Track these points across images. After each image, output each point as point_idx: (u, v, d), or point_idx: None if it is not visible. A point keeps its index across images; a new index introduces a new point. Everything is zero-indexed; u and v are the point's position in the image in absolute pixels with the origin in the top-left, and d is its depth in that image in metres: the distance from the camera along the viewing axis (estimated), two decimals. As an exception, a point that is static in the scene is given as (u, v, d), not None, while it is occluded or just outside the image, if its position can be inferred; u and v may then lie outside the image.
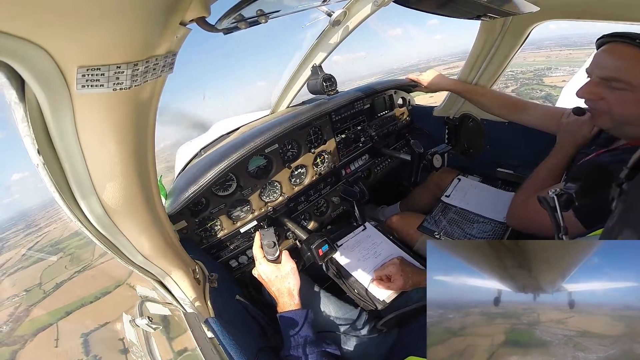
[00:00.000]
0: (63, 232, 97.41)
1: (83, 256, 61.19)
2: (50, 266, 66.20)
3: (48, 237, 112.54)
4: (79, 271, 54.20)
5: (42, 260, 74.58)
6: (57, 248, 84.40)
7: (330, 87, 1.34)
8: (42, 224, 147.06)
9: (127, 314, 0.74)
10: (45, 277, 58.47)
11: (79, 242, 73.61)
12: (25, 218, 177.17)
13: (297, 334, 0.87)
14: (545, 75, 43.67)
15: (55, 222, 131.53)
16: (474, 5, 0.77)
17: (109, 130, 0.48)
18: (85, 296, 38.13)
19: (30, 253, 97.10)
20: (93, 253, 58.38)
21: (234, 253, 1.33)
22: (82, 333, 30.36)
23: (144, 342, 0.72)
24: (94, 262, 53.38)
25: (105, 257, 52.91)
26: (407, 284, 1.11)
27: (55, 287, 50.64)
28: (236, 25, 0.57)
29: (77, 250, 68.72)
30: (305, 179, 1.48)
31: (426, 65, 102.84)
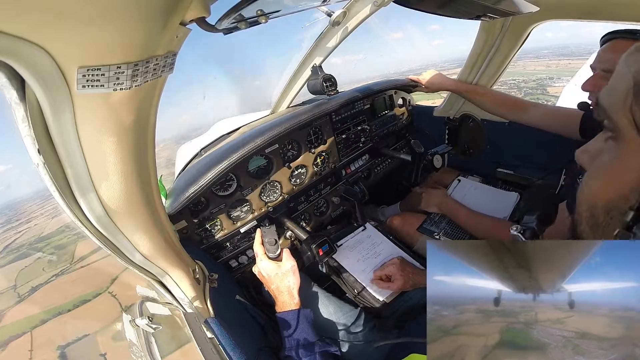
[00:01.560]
0: (43, 230, 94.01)
1: (63, 257, 59.13)
2: (26, 267, 63.26)
3: (28, 234, 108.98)
4: (57, 274, 51.53)
5: (18, 261, 71.58)
6: (35, 247, 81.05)
7: (330, 87, 1.34)
8: (22, 219, 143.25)
9: (127, 314, 0.74)
10: (21, 279, 55.48)
11: (59, 241, 71.37)
12: (5, 212, 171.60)
13: (297, 333, 0.87)
14: (548, 85, 43.61)
15: (37, 217, 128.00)
16: (474, 5, 0.78)
17: (109, 130, 0.48)
18: (64, 303, 35.83)
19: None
20: (72, 255, 56.32)
21: (234, 253, 1.33)
22: (59, 345, 27.80)
23: (144, 342, 0.72)
24: (74, 266, 51.48)
25: (85, 260, 50.30)
26: (407, 284, 1.12)
27: (31, 290, 48.02)
28: (236, 25, 0.57)
29: (57, 251, 66.36)
30: (305, 179, 1.48)
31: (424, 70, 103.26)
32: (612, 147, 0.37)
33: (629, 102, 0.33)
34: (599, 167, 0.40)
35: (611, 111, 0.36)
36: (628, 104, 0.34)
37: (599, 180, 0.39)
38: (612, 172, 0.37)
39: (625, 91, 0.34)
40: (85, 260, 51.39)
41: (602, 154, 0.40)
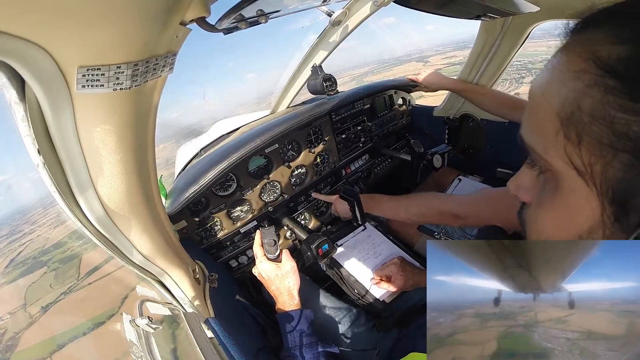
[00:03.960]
0: (46, 241, 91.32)
1: (69, 272, 58.09)
2: (34, 283, 62.82)
3: (32, 246, 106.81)
4: (66, 292, 50.64)
5: (26, 275, 70.45)
6: (40, 261, 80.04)
7: (330, 87, 1.34)
8: (26, 229, 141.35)
9: (127, 314, 0.74)
10: (30, 297, 55.32)
11: (62, 254, 69.78)
12: (8, 222, 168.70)
13: (297, 333, 0.87)
14: (555, 66, 42.37)
15: (40, 227, 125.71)
16: (474, 5, 0.78)
17: (109, 130, 0.48)
18: (78, 325, 34.57)
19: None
20: (79, 271, 55.22)
21: (234, 253, 1.33)
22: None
23: (144, 342, 0.72)
24: (81, 282, 50.63)
25: (91, 276, 49.70)
26: (407, 284, 1.12)
27: (42, 310, 47.62)
28: (236, 25, 0.57)
29: (62, 265, 65.14)
30: (305, 179, 1.48)
31: (420, 56, 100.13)
32: (550, 185, 0.32)
33: (561, 142, 0.28)
34: (543, 205, 0.34)
35: (542, 152, 0.31)
36: (561, 145, 0.28)
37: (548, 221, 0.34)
38: (560, 213, 0.32)
39: (554, 131, 0.28)
40: (92, 276, 50.67)
41: (541, 188, 0.35)
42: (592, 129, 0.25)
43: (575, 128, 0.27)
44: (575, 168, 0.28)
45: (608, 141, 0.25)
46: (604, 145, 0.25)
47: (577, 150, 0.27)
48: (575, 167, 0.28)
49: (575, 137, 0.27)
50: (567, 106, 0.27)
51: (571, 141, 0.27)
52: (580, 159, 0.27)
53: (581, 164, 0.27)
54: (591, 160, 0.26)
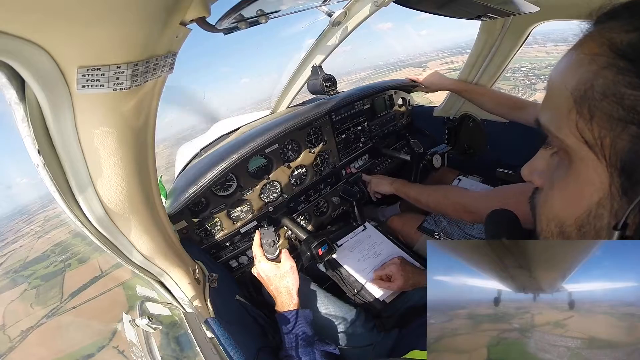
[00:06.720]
0: (29, 253, 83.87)
1: (51, 292, 51.20)
2: (13, 301, 57.75)
3: (14, 257, 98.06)
4: (48, 316, 44.74)
5: (6, 292, 63.74)
6: (22, 275, 72.33)
7: (330, 87, 1.34)
8: (9, 237, 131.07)
9: (127, 314, 0.74)
10: (9, 317, 49.36)
11: (45, 270, 63.04)
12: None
13: (296, 333, 0.87)
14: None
15: (23, 236, 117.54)
16: (474, 5, 0.78)
17: (109, 130, 0.48)
18: (64, 356, 30.68)
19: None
20: (62, 291, 48.87)
21: (234, 253, 1.33)
22: None
23: (144, 342, 0.71)
24: (64, 305, 44.67)
25: (75, 299, 42.88)
26: (407, 283, 1.12)
27: (22, 335, 42.06)
28: (236, 25, 0.57)
29: (44, 283, 58.67)
30: (305, 179, 1.48)
31: (415, 62, 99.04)
32: (563, 164, 0.34)
33: (573, 119, 0.30)
34: (555, 184, 0.36)
35: (556, 130, 0.33)
36: (573, 122, 0.30)
37: (559, 199, 0.35)
38: (571, 189, 0.33)
39: (567, 109, 0.31)
40: (76, 298, 44.92)
41: (554, 170, 0.37)
42: (604, 104, 0.28)
43: (587, 105, 0.29)
44: (586, 142, 0.30)
45: (618, 115, 0.27)
46: (613, 119, 0.27)
47: (589, 125, 0.29)
48: (586, 141, 0.30)
49: (587, 113, 0.29)
50: (581, 85, 0.29)
51: (583, 117, 0.29)
52: (591, 133, 0.29)
53: (592, 138, 0.29)
54: (601, 133, 0.28)
